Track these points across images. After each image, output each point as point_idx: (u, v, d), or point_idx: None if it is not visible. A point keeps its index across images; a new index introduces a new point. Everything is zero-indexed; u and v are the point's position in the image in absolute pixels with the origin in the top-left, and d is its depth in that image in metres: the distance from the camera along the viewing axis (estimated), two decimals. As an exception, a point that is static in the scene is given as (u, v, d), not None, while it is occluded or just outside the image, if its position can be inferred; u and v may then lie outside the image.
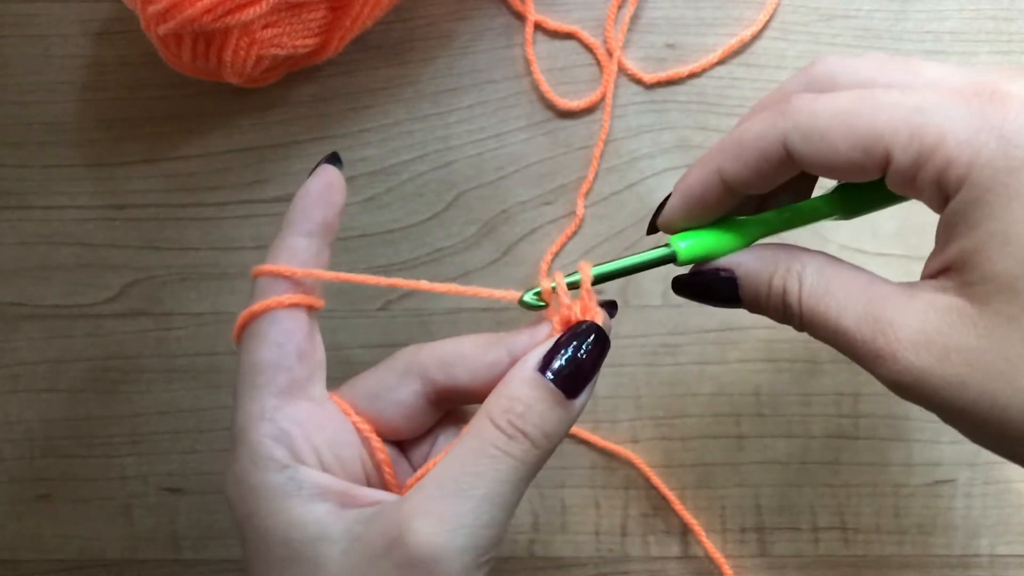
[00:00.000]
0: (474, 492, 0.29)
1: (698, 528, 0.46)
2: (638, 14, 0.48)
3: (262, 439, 0.31)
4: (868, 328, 0.28)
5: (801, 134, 0.29)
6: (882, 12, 0.48)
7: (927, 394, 0.27)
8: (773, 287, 0.30)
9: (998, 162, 0.26)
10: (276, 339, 0.32)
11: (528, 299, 0.32)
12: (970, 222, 0.27)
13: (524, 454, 0.29)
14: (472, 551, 0.28)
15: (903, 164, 0.28)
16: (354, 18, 0.44)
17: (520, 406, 0.30)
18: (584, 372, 0.31)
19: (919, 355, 0.27)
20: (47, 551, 0.48)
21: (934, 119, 0.27)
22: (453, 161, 0.48)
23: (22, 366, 0.48)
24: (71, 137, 0.49)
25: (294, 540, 0.30)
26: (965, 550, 0.46)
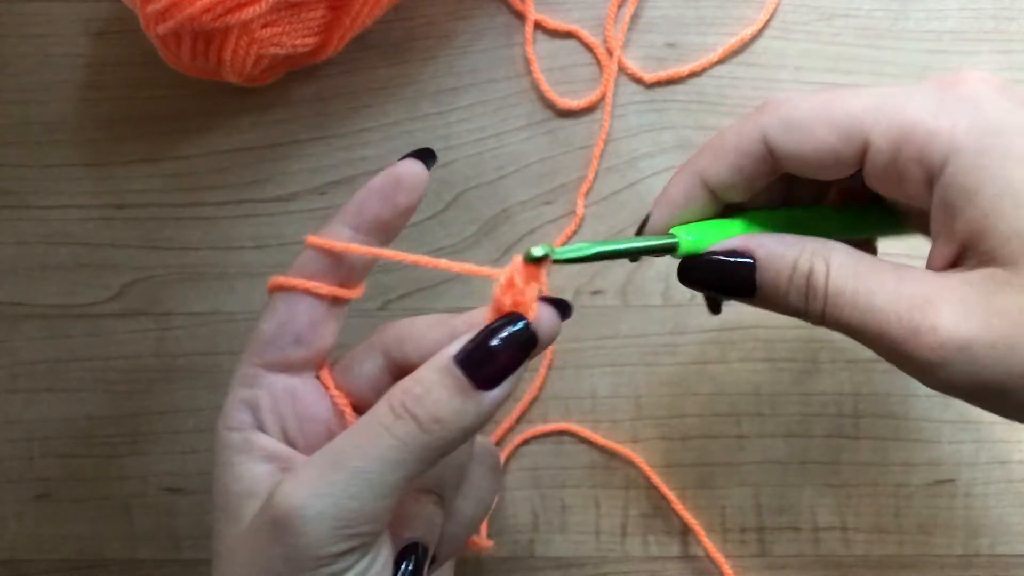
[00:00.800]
0: (346, 463, 0.28)
1: (698, 528, 0.46)
2: (638, 13, 0.48)
3: (235, 400, 0.33)
4: (904, 304, 0.27)
5: (781, 125, 0.29)
6: (882, 11, 0.48)
7: (973, 366, 0.26)
8: (799, 267, 0.29)
9: (979, 126, 0.27)
10: (281, 318, 0.33)
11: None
12: (969, 190, 0.27)
13: (406, 435, 0.28)
14: (331, 520, 0.28)
15: (883, 146, 0.28)
16: (354, 17, 0.44)
17: (419, 388, 0.29)
18: (498, 366, 0.29)
19: (960, 325, 0.26)
20: (47, 551, 0.48)
21: (908, 100, 0.28)
22: (453, 161, 0.48)
23: (22, 366, 0.48)
24: (71, 137, 0.48)
25: (231, 493, 0.31)
26: (965, 550, 0.46)
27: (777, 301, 0.30)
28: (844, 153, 0.29)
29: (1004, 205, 0.26)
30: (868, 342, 0.29)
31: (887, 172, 0.28)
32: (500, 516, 0.47)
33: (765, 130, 0.30)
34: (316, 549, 0.28)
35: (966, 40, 0.47)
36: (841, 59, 0.47)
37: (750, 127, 0.30)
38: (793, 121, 0.29)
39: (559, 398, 0.47)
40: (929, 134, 0.27)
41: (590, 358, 0.47)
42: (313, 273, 0.33)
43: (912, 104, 0.28)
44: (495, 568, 0.46)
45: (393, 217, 0.33)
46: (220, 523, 0.32)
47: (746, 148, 0.30)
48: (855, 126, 0.28)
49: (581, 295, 0.47)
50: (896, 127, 0.28)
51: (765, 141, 0.30)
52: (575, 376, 0.47)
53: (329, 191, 0.48)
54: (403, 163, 0.34)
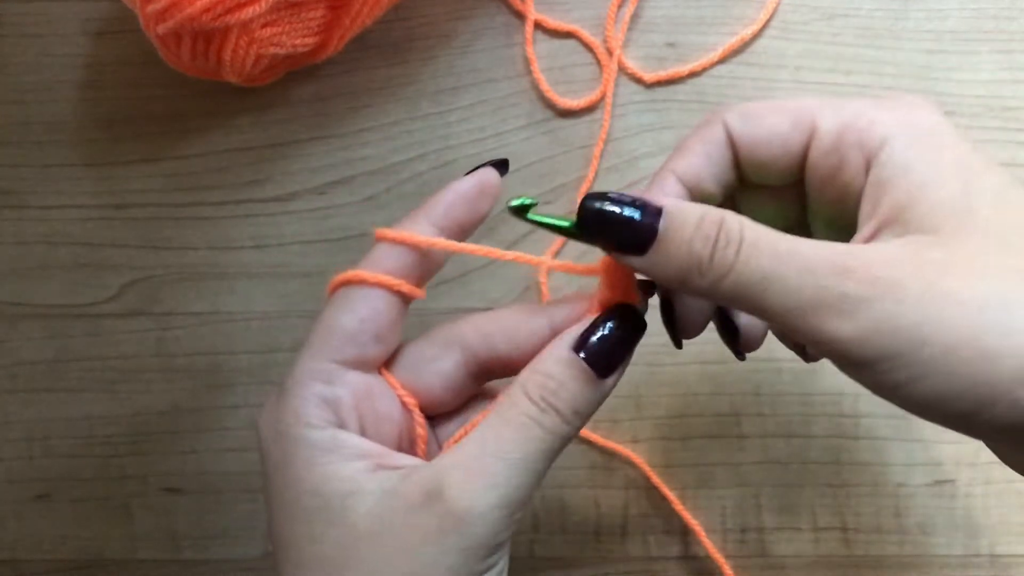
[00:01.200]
0: (510, 456, 0.30)
1: (698, 528, 0.46)
2: (638, 13, 0.48)
3: (312, 396, 0.32)
4: (828, 251, 0.27)
5: (738, 115, 0.31)
6: (882, 11, 0.48)
7: (900, 306, 0.26)
8: (709, 216, 0.28)
9: (915, 121, 0.29)
10: (362, 314, 0.32)
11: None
12: (902, 166, 0.28)
13: (555, 427, 0.30)
14: (504, 508, 0.29)
15: (828, 130, 0.30)
16: (354, 17, 0.44)
17: (553, 383, 0.30)
18: (616, 354, 0.31)
19: (892, 267, 0.26)
20: (47, 551, 0.48)
21: (853, 100, 0.30)
22: (453, 160, 0.48)
23: (22, 366, 0.48)
24: (70, 136, 0.48)
25: (326, 492, 0.30)
26: (966, 550, 0.46)
27: (678, 250, 0.29)
28: (793, 138, 0.30)
29: (931, 179, 0.28)
30: (783, 293, 0.27)
31: (828, 158, 0.30)
32: (500, 516, 0.47)
33: (725, 119, 0.32)
34: (492, 538, 0.30)
35: (966, 40, 0.47)
36: (841, 59, 0.47)
37: (711, 121, 0.32)
38: (750, 111, 0.31)
39: (559, 398, 0.47)
40: (870, 121, 0.29)
41: (590, 358, 0.47)
42: (389, 270, 0.33)
43: (855, 101, 0.30)
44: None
45: (472, 223, 0.34)
46: (316, 525, 0.30)
47: (710, 136, 0.32)
48: (804, 113, 0.30)
49: (581, 295, 0.47)
50: (840, 115, 0.30)
51: (725, 127, 0.31)
52: (575, 376, 0.47)
53: (329, 191, 0.48)
54: (486, 171, 0.35)
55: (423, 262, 0.33)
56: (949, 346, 0.26)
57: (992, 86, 0.47)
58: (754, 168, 0.32)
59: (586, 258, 0.47)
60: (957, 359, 0.26)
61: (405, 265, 0.33)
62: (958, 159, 0.28)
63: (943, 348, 0.26)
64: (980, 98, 0.47)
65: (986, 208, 0.27)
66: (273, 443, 0.32)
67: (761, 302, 0.28)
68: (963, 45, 0.47)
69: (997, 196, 0.28)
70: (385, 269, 0.33)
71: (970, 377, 0.26)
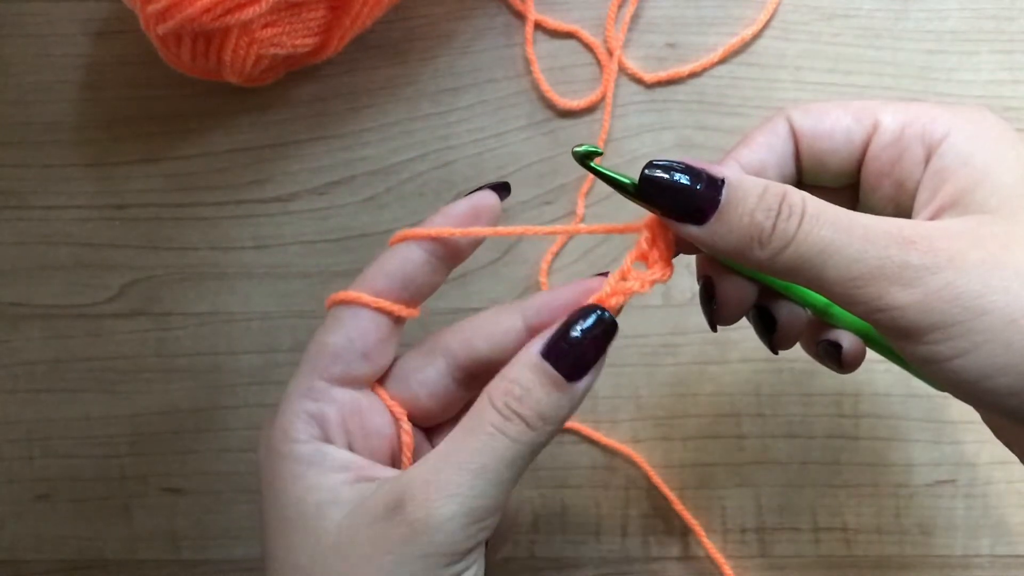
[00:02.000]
0: (470, 466, 0.30)
1: (698, 528, 0.46)
2: (638, 13, 0.48)
3: (300, 413, 0.32)
4: (892, 224, 0.28)
5: (802, 110, 0.32)
6: (883, 11, 0.48)
7: (960, 277, 0.27)
8: (771, 188, 0.29)
9: (978, 121, 0.30)
10: (350, 332, 0.33)
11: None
12: (964, 154, 0.29)
13: (519, 435, 0.30)
14: (465, 517, 0.29)
15: (891, 125, 0.31)
16: (354, 17, 0.44)
17: (519, 389, 0.30)
18: (587, 357, 0.31)
19: (953, 240, 0.27)
20: (47, 551, 0.48)
21: (916, 103, 0.31)
22: (453, 161, 0.48)
23: (22, 366, 0.48)
24: (71, 137, 0.48)
25: (306, 502, 0.31)
26: (966, 550, 0.46)
27: (740, 220, 0.29)
28: (855, 132, 0.31)
29: (992, 167, 0.29)
30: (844, 263, 0.28)
31: (888, 151, 0.31)
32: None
33: (789, 114, 0.32)
34: (453, 546, 0.29)
35: (966, 40, 0.47)
36: (841, 59, 0.47)
37: (774, 116, 0.33)
38: (813, 107, 0.32)
39: (559, 398, 0.47)
40: (933, 118, 0.30)
41: (590, 358, 0.47)
42: (379, 291, 0.33)
43: (919, 103, 0.31)
44: (495, 568, 0.46)
45: (468, 245, 0.34)
46: (295, 535, 0.31)
47: (772, 128, 0.32)
48: (868, 110, 0.31)
49: (581, 295, 0.47)
50: (904, 111, 0.31)
51: (788, 120, 0.32)
52: (575, 376, 0.47)
53: (329, 191, 0.48)
54: (483, 194, 0.34)
55: (412, 285, 0.33)
56: (1010, 316, 0.26)
57: (992, 86, 0.47)
58: (814, 160, 0.32)
59: (589, 257, 0.47)
60: (1016, 328, 0.26)
61: (392, 286, 0.33)
62: (1019, 152, 0.29)
63: (1004, 318, 0.26)
64: (980, 98, 0.47)
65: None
66: (265, 459, 0.33)
67: (821, 272, 0.28)
68: (963, 45, 0.47)
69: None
70: (375, 290, 0.33)
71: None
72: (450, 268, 0.35)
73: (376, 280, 0.33)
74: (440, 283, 0.34)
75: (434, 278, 0.34)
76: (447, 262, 0.34)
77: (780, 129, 0.32)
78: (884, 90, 0.47)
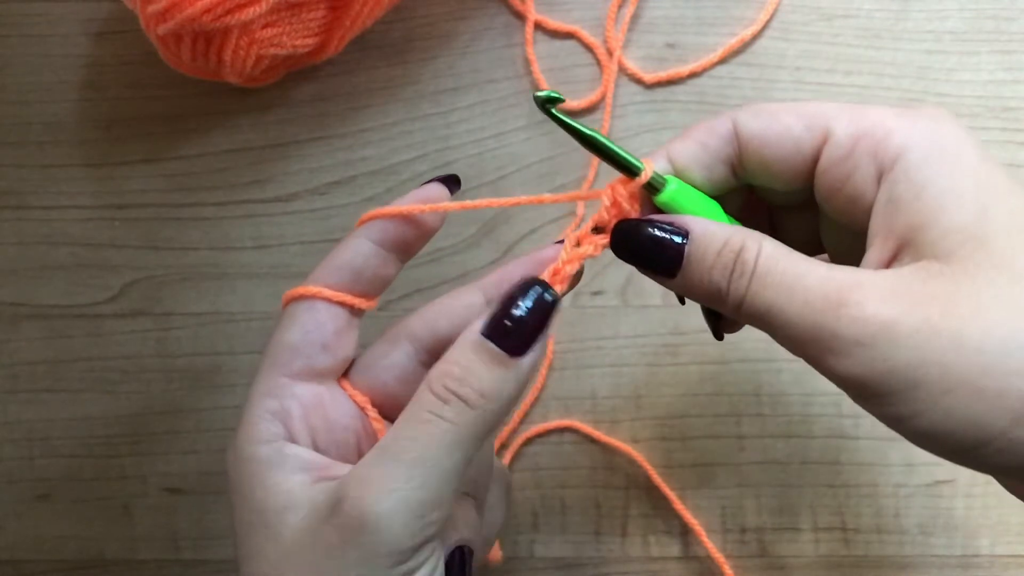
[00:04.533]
0: (404, 456, 0.29)
1: (699, 528, 0.46)
2: (638, 14, 0.48)
3: (262, 413, 0.32)
4: (834, 286, 0.27)
5: (750, 111, 0.31)
6: (882, 12, 0.48)
7: (892, 348, 0.26)
8: (730, 243, 0.29)
9: (934, 134, 0.28)
10: (306, 326, 0.33)
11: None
12: (918, 184, 0.27)
13: (457, 416, 0.29)
14: (407, 512, 0.28)
15: (842, 137, 0.29)
16: (354, 18, 0.44)
17: (457, 369, 0.29)
18: (528, 330, 0.30)
19: (887, 304, 0.26)
20: (47, 551, 0.48)
21: (873, 108, 0.29)
22: (453, 161, 0.48)
23: (22, 366, 0.48)
24: (71, 137, 0.48)
25: (267, 508, 0.30)
26: (965, 550, 0.46)
27: (700, 278, 0.29)
28: (805, 141, 0.30)
29: (948, 201, 0.27)
30: (785, 326, 0.28)
31: (839, 167, 0.29)
32: (500, 516, 0.47)
33: (735, 115, 0.31)
34: (395, 544, 0.28)
35: (966, 40, 0.47)
36: (841, 59, 0.47)
37: (722, 114, 0.31)
38: (764, 108, 0.31)
39: (560, 398, 0.47)
40: (887, 131, 0.28)
41: (590, 358, 0.47)
42: (330, 285, 0.33)
43: (875, 110, 0.29)
44: (495, 568, 0.46)
45: (416, 238, 0.34)
46: (257, 540, 0.30)
47: (714, 127, 0.31)
48: (820, 117, 0.30)
49: (581, 295, 0.47)
50: (857, 122, 0.29)
51: (733, 122, 0.31)
52: (575, 377, 0.47)
53: (329, 191, 0.48)
54: (430, 187, 0.34)
55: (363, 278, 0.33)
56: (945, 388, 0.25)
57: (992, 86, 0.47)
58: (761, 167, 0.31)
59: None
60: (953, 400, 0.25)
61: (344, 280, 0.33)
62: (977, 179, 0.27)
63: (939, 390, 0.25)
64: (980, 98, 0.47)
65: (1001, 237, 0.26)
66: (231, 463, 0.32)
67: (771, 330, 0.28)
68: (963, 45, 0.47)
69: (1015, 223, 0.27)
70: (327, 283, 0.33)
71: (965, 418, 0.25)
72: (402, 260, 0.34)
73: (327, 275, 0.33)
74: (393, 275, 0.34)
75: (385, 269, 0.34)
76: (397, 253, 0.34)
77: (721, 129, 0.31)
78: (884, 90, 0.47)
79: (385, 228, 0.33)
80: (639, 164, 0.30)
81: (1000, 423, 0.25)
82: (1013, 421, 0.25)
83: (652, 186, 0.31)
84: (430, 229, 0.34)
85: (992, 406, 0.25)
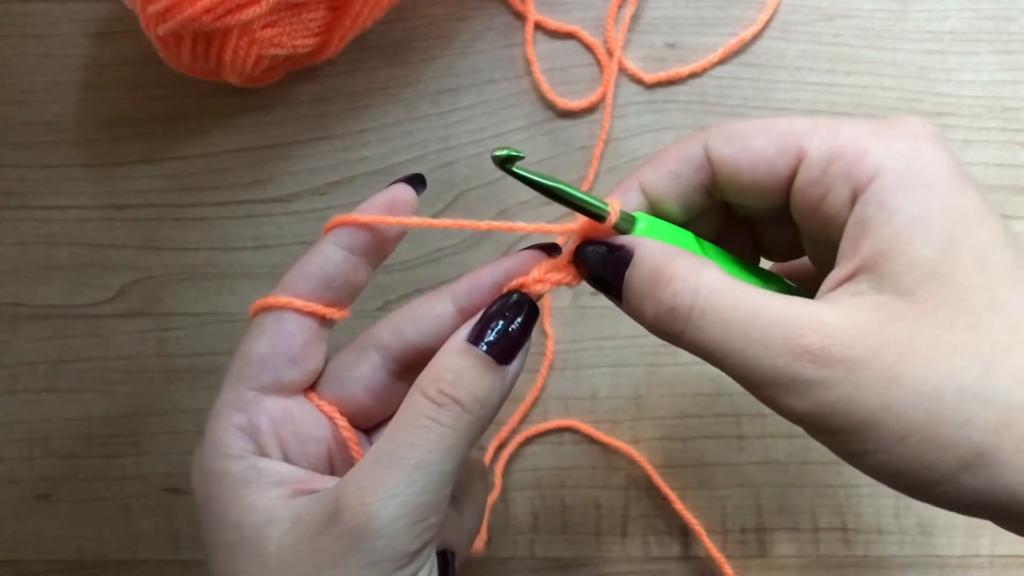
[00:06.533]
0: (405, 462, 0.29)
1: (699, 528, 0.46)
2: (638, 14, 0.48)
3: (229, 427, 0.32)
4: (792, 324, 0.26)
5: (722, 135, 0.30)
6: (883, 12, 0.48)
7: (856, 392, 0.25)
8: (661, 271, 0.28)
9: (910, 155, 0.27)
10: (274, 338, 0.32)
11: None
12: (888, 208, 0.27)
13: (454, 421, 0.29)
14: (407, 517, 0.29)
15: (816, 158, 0.28)
16: (354, 18, 0.44)
17: (450, 374, 0.30)
18: (514, 339, 0.30)
19: (853, 347, 0.26)
20: (47, 551, 0.48)
21: (845, 125, 0.29)
22: (453, 161, 0.48)
23: (22, 366, 0.48)
24: (71, 137, 0.49)
25: (244, 525, 0.30)
26: (965, 550, 0.46)
27: (641, 303, 0.29)
28: (779, 164, 0.29)
29: (916, 231, 0.26)
30: (737, 364, 0.27)
31: (814, 187, 0.29)
32: (500, 516, 0.47)
33: (707, 139, 0.30)
34: (399, 549, 0.29)
35: (966, 40, 0.47)
36: (841, 60, 0.47)
37: (692, 138, 0.31)
38: (735, 132, 0.30)
39: (560, 399, 0.47)
40: (861, 152, 0.28)
41: (590, 359, 0.47)
42: (300, 294, 0.33)
43: (849, 127, 0.29)
44: (495, 568, 0.46)
45: (386, 242, 0.34)
46: (235, 559, 0.30)
47: (685, 154, 0.30)
48: (792, 137, 0.29)
49: (581, 296, 0.47)
50: (831, 141, 0.28)
51: (705, 148, 0.30)
52: (575, 377, 0.47)
53: (329, 191, 0.48)
54: (395, 188, 0.34)
55: (333, 286, 0.33)
56: (900, 435, 0.25)
57: (992, 86, 0.47)
58: (736, 191, 0.30)
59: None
60: (905, 445, 0.25)
61: (313, 290, 0.33)
62: (949, 206, 0.27)
63: (894, 435, 0.25)
64: (980, 98, 0.47)
65: (965, 274, 0.26)
66: (198, 481, 0.32)
67: (722, 368, 0.28)
68: (963, 45, 0.47)
69: (981, 259, 0.26)
70: (296, 294, 0.32)
71: (917, 461, 0.25)
72: (373, 266, 0.34)
73: (297, 284, 0.33)
74: (364, 282, 0.34)
75: (356, 277, 0.33)
76: (368, 260, 0.33)
77: (693, 157, 0.30)
78: (884, 90, 0.47)
79: (354, 233, 0.33)
80: (605, 207, 0.30)
81: (948, 468, 0.25)
82: (961, 467, 0.25)
83: (620, 227, 0.30)
84: (400, 232, 0.34)
85: (943, 453, 0.25)
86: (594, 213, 0.30)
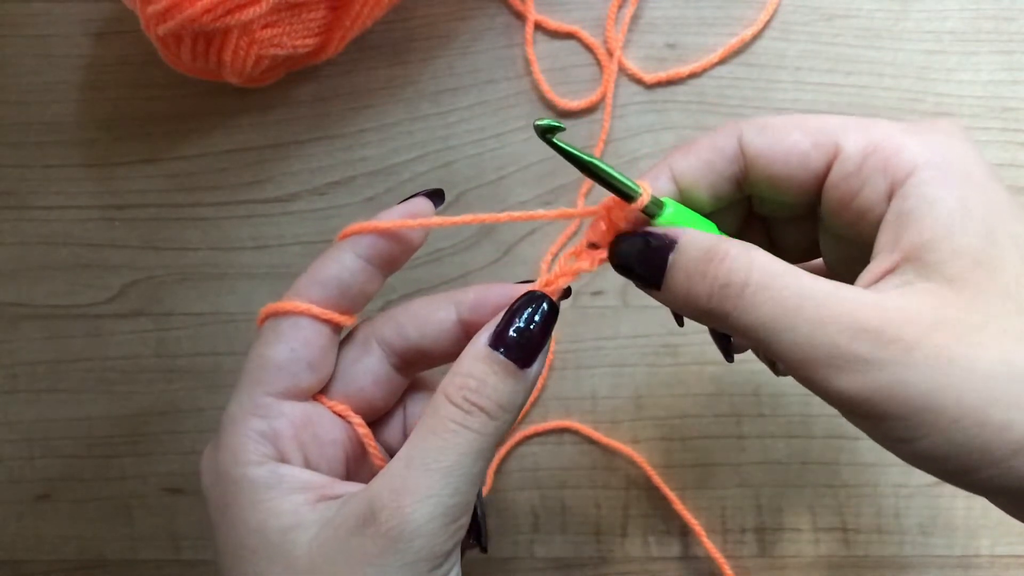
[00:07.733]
0: (438, 465, 0.29)
1: (699, 528, 0.46)
2: (638, 14, 0.48)
3: (250, 433, 0.32)
4: (848, 305, 0.26)
5: (756, 127, 0.30)
6: (883, 12, 0.48)
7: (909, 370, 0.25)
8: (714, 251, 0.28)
9: (947, 149, 0.28)
10: (292, 344, 0.32)
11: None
12: (929, 199, 0.27)
13: (482, 426, 0.30)
14: (441, 518, 0.29)
15: (852, 153, 0.29)
16: (354, 18, 0.44)
17: (473, 382, 0.30)
18: (534, 342, 0.31)
19: (910, 327, 0.26)
20: (47, 551, 0.48)
21: (878, 123, 0.29)
22: (453, 161, 0.48)
23: (22, 366, 0.48)
24: (71, 137, 0.48)
25: (268, 530, 0.30)
26: (965, 550, 0.46)
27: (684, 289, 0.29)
28: (813, 158, 0.29)
29: (958, 221, 0.27)
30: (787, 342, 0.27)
31: (849, 181, 0.29)
32: (500, 516, 0.47)
33: (741, 131, 0.30)
34: (435, 548, 0.29)
35: (966, 40, 0.47)
36: (841, 60, 0.47)
37: (726, 129, 0.31)
38: (770, 125, 0.30)
39: (560, 399, 0.47)
40: (898, 147, 0.28)
41: (590, 359, 0.47)
42: (315, 300, 0.33)
43: (880, 125, 0.29)
44: (495, 568, 0.46)
45: (401, 253, 0.34)
46: (259, 563, 0.30)
47: (719, 144, 0.31)
48: (828, 133, 0.29)
49: (581, 296, 0.47)
50: (867, 137, 0.29)
51: (739, 139, 0.30)
52: (575, 377, 0.47)
53: (329, 191, 0.48)
54: (415, 202, 0.34)
55: (348, 294, 0.33)
56: (955, 415, 0.25)
57: (992, 86, 0.47)
58: (768, 184, 0.30)
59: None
60: (959, 427, 0.25)
61: (331, 294, 0.33)
62: (987, 200, 0.27)
63: (948, 416, 0.25)
64: (980, 98, 0.47)
65: (1008, 264, 0.26)
66: (214, 486, 0.32)
67: (769, 348, 0.27)
68: (963, 45, 0.47)
69: (1018, 250, 0.27)
70: (311, 299, 0.32)
71: (968, 444, 0.26)
72: (385, 276, 0.34)
73: (311, 289, 0.33)
74: (376, 291, 0.34)
75: (371, 285, 0.33)
76: (383, 269, 0.34)
77: (727, 148, 0.30)
78: (884, 90, 0.47)
79: (373, 243, 0.33)
80: (637, 189, 0.30)
81: (1001, 452, 0.25)
82: (1013, 452, 0.25)
83: (649, 210, 0.30)
84: (416, 244, 0.34)
85: (997, 436, 0.25)
86: (625, 193, 0.30)
